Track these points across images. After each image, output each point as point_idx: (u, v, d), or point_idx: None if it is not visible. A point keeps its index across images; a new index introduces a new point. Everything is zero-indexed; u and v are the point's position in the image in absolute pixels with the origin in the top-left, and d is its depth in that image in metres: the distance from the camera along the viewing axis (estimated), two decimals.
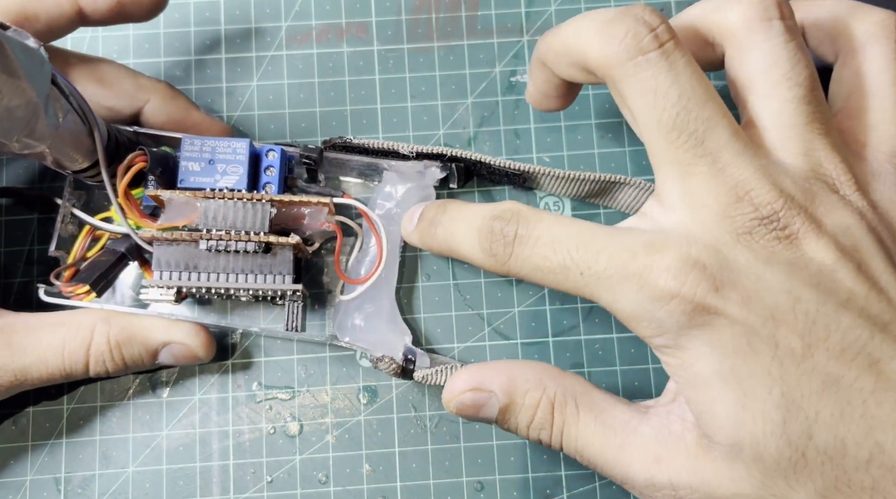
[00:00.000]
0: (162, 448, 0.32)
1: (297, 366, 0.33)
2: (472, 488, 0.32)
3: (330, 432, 0.32)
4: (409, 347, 0.31)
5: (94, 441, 0.32)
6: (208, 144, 0.30)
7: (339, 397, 0.33)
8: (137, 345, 0.30)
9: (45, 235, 0.33)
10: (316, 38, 0.36)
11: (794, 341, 0.21)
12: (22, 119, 0.23)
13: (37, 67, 0.22)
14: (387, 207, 0.32)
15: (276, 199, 0.29)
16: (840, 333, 0.21)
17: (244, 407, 0.32)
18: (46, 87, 0.23)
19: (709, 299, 0.21)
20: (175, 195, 0.29)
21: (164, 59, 0.35)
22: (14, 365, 0.28)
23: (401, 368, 0.30)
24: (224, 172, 0.29)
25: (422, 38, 0.36)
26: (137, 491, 0.32)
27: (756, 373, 0.21)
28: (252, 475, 0.32)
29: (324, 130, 0.35)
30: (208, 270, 0.29)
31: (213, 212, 0.29)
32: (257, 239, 0.29)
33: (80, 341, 0.29)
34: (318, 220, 0.30)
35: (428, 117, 0.35)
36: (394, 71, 0.35)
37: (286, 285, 0.29)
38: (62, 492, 0.32)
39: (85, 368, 0.29)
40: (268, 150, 0.30)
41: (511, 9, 0.36)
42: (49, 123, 0.24)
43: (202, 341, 0.30)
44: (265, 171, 0.30)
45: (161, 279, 0.29)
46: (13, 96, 0.22)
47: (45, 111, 0.23)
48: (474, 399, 0.25)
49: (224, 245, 0.29)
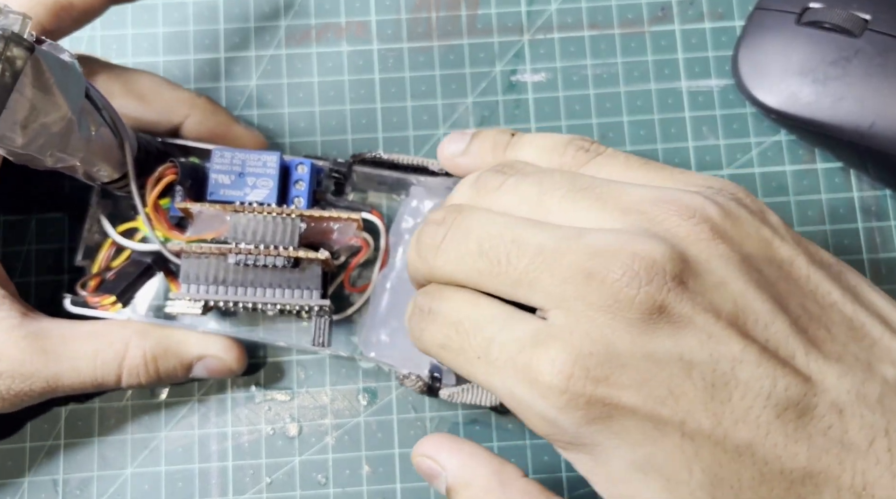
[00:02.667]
0: (160, 450, 0.32)
1: (297, 367, 0.33)
2: None
3: (329, 434, 0.32)
4: (434, 364, 0.30)
5: (92, 442, 0.32)
6: (238, 157, 0.29)
7: (339, 399, 0.32)
8: (173, 359, 0.30)
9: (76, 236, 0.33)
10: (315, 38, 0.36)
11: (699, 414, 0.20)
12: (57, 134, 0.23)
13: (71, 81, 0.23)
14: (413, 222, 0.32)
15: (307, 214, 0.29)
16: (741, 390, 0.20)
17: (243, 408, 0.32)
18: (80, 101, 0.23)
19: (600, 391, 0.20)
20: (205, 208, 0.28)
21: (163, 58, 0.35)
22: (47, 372, 0.28)
23: (427, 386, 0.29)
24: (254, 186, 0.29)
25: (422, 37, 0.36)
26: (136, 493, 0.31)
27: (671, 455, 0.20)
28: (251, 477, 0.32)
29: (323, 130, 0.35)
30: (236, 283, 0.29)
31: (243, 226, 0.29)
32: (286, 254, 0.28)
33: (114, 354, 0.29)
34: (346, 235, 0.30)
35: (428, 117, 0.35)
36: (393, 70, 0.35)
37: (314, 301, 0.29)
38: (60, 493, 0.31)
39: (117, 379, 0.29)
40: (297, 163, 0.30)
41: (511, 8, 0.36)
42: (82, 137, 0.24)
43: (236, 356, 0.30)
44: (294, 184, 0.30)
45: (188, 292, 0.29)
46: (49, 112, 0.22)
47: (78, 125, 0.23)
48: (429, 467, 0.24)
49: (253, 259, 0.28)
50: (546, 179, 0.24)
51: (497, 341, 0.22)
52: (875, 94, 0.31)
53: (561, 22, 0.36)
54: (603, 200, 0.23)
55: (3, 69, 0.20)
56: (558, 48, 0.35)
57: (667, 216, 0.22)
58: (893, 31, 0.31)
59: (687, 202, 0.22)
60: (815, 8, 0.32)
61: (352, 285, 0.32)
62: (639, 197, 0.22)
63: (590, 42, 0.35)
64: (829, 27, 0.32)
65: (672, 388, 0.20)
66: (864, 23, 0.32)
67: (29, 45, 0.20)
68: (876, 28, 0.31)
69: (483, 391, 0.29)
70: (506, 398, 0.22)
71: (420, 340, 0.25)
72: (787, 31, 0.33)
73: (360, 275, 0.32)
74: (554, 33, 0.36)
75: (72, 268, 0.32)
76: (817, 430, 0.20)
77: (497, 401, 0.29)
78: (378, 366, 0.32)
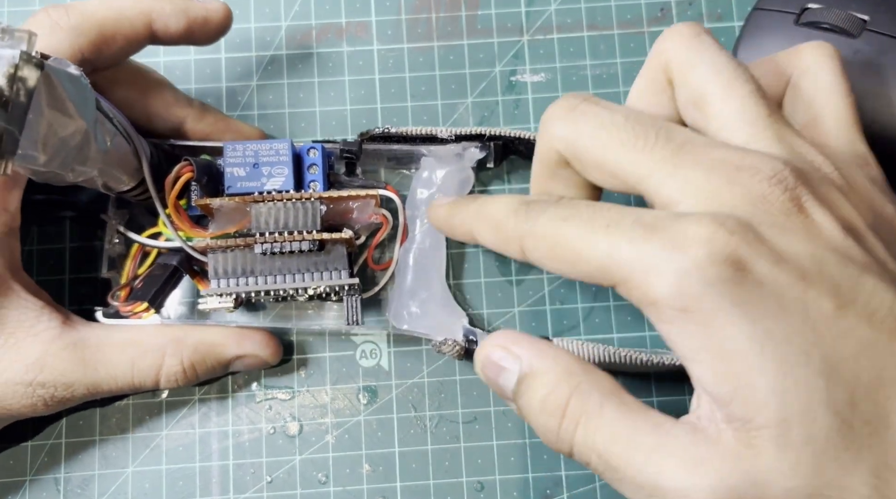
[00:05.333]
0: (161, 448, 0.32)
1: (297, 366, 0.33)
2: (472, 488, 0.32)
3: (330, 432, 0.32)
4: (467, 328, 0.31)
5: (93, 441, 0.32)
6: (250, 149, 0.30)
7: (339, 397, 0.33)
8: (211, 361, 0.30)
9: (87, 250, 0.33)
10: (316, 38, 0.36)
11: (825, 303, 0.20)
12: (75, 148, 0.23)
13: (82, 94, 0.23)
14: (427, 193, 0.32)
15: (325, 196, 0.29)
16: (866, 295, 0.20)
17: (244, 407, 0.32)
18: (93, 112, 0.24)
19: (741, 251, 0.20)
20: (225, 202, 0.29)
21: (163, 58, 0.35)
22: (87, 380, 0.28)
23: (464, 350, 0.30)
24: (270, 175, 0.30)
25: (422, 37, 0.36)
26: (137, 491, 0.32)
27: (792, 336, 0.20)
28: (252, 475, 0.32)
29: (324, 130, 0.35)
30: (265, 273, 0.29)
31: (265, 215, 0.29)
32: (311, 237, 0.29)
33: (151, 362, 0.29)
34: (365, 213, 0.31)
35: (428, 117, 0.35)
36: (394, 70, 0.35)
37: (343, 280, 0.29)
38: (62, 492, 0.32)
39: (155, 384, 0.30)
40: (308, 148, 0.31)
41: (511, 8, 0.36)
42: (99, 148, 0.24)
43: (272, 350, 0.31)
44: (308, 169, 0.31)
45: (219, 287, 0.29)
46: (66, 126, 0.22)
47: (94, 137, 0.23)
48: (500, 359, 0.24)
49: (279, 247, 0.29)
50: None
51: (634, 213, 0.22)
52: (873, 95, 0.31)
53: (560, 22, 0.36)
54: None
55: (17, 90, 0.20)
56: (558, 48, 0.36)
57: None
58: (892, 32, 0.31)
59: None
60: (813, 8, 0.32)
61: (375, 263, 0.32)
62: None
63: (589, 42, 0.36)
64: (827, 28, 0.32)
65: (804, 273, 0.20)
66: (863, 23, 0.32)
67: (38, 63, 0.20)
68: (874, 28, 0.31)
69: None
70: (626, 262, 0.21)
71: (536, 219, 0.24)
72: (785, 31, 0.33)
73: (382, 252, 0.33)
74: (553, 34, 0.36)
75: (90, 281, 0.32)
76: None
77: None
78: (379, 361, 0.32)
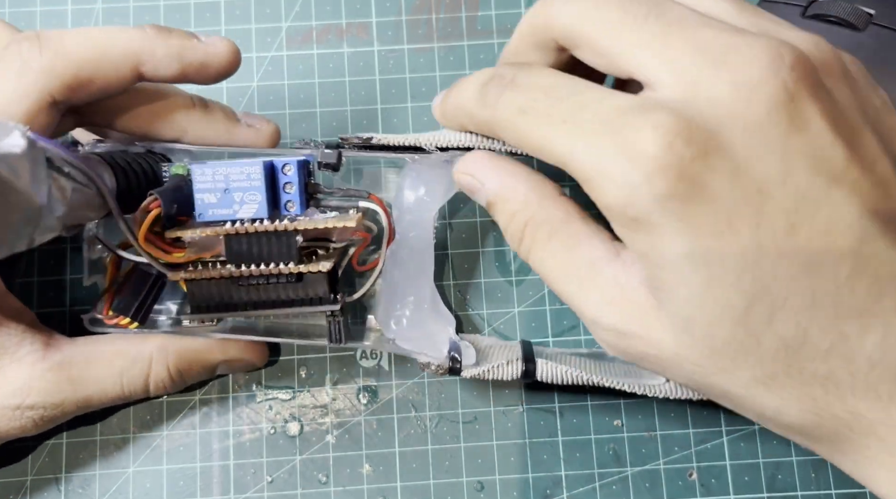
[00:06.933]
0: (162, 448, 0.32)
1: (298, 366, 0.33)
2: (472, 488, 0.32)
3: (330, 433, 0.32)
4: (453, 341, 0.30)
5: (94, 441, 0.32)
6: (220, 172, 0.27)
7: (340, 398, 0.33)
8: (197, 367, 0.30)
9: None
10: (316, 39, 0.36)
11: (778, 220, 0.19)
12: (30, 222, 0.21)
13: (31, 167, 0.20)
14: (414, 196, 0.32)
15: (301, 228, 0.28)
16: (827, 210, 0.19)
17: (244, 407, 0.32)
18: (46, 181, 0.21)
19: (694, 167, 0.19)
20: (196, 235, 0.27)
21: None
22: (76, 397, 0.28)
23: (448, 370, 0.30)
24: (242, 201, 0.27)
25: (422, 38, 0.36)
26: (138, 491, 0.32)
27: (730, 255, 0.20)
28: (252, 475, 0.32)
29: (324, 131, 0.35)
30: (244, 300, 0.29)
31: (236, 247, 0.28)
32: (287, 270, 0.28)
33: (138, 371, 0.29)
34: (346, 233, 0.30)
35: (428, 118, 0.35)
36: (394, 71, 0.35)
37: (323, 307, 0.29)
38: (63, 492, 0.32)
39: (144, 392, 0.30)
40: (283, 164, 0.28)
41: (511, 9, 0.36)
42: (55, 216, 0.22)
43: (257, 354, 0.31)
44: (284, 188, 0.28)
45: (199, 314, 0.29)
46: (14, 211, 0.20)
47: (49, 208, 0.21)
48: (469, 183, 0.26)
49: (255, 280, 0.28)
50: None
51: (592, 106, 0.21)
52: None
53: None
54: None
55: None
56: None
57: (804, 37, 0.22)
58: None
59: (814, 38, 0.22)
60: (820, 1, 0.32)
61: (361, 265, 0.31)
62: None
63: None
64: (833, 20, 0.32)
65: (763, 186, 0.19)
66: (869, 17, 0.32)
67: None
68: (880, 22, 0.32)
69: (504, 367, 0.29)
70: (583, 164, 0.21)
71: (494, 106, 0.24)
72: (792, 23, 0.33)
73: (369, 253, 0.32)
74: None
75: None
76: None
77: (517, 374, 0.29)
78: (381, 358, 0.32)
